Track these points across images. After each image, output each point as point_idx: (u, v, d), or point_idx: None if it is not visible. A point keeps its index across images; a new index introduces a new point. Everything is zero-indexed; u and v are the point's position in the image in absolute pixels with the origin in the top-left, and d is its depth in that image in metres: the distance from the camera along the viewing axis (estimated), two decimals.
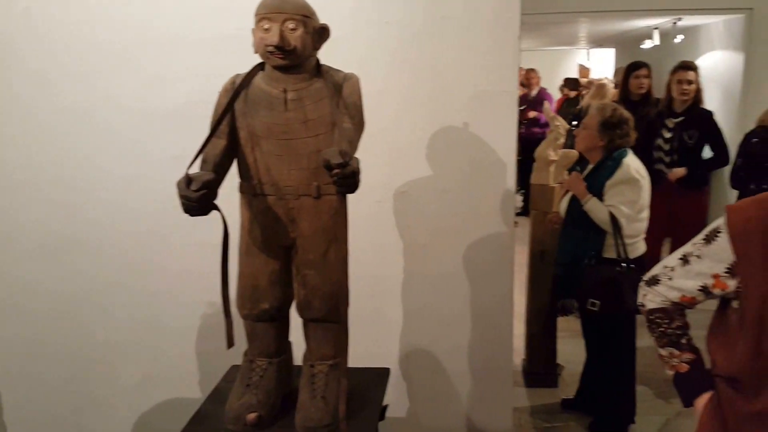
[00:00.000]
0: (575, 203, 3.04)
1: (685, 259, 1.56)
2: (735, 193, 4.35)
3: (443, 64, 2.54)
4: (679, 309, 1.63)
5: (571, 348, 3.84)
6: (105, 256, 2.75)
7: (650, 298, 1.66)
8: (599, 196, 2.95)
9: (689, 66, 4.33)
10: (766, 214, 1.41)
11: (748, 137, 3.65)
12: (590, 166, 3.09)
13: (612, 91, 5.93)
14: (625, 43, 11.21)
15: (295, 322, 1.97)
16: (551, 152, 3.77)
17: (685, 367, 1.62)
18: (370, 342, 2.70)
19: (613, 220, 2.88)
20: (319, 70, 1.84)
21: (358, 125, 1.83)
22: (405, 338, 2.79)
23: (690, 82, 4.26)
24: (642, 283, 1.70)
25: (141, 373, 2.84)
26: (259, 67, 1.85)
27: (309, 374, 1.93)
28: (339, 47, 2.01)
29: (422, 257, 2.71)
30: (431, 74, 2.55)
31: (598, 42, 12.47)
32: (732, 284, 1.47)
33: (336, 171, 1.58)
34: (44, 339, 2.81)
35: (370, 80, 1.98)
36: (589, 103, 5.50)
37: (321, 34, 1.82)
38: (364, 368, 2.24)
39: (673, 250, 3.91)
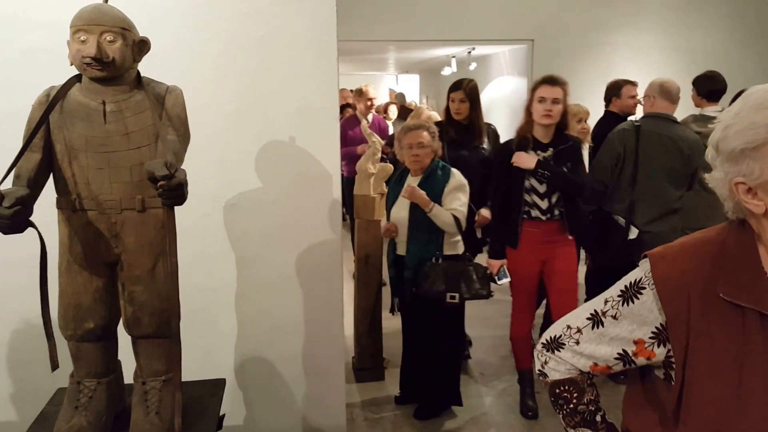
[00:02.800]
0: (416, 211, 3.07)
1: (595, 319, 1.16)
2: None
3: (266, 80, 2.48)
4: (589, 378, 1.24)
5: (395, 342, 3.92)
6: None
7: (552, 366, 1.24)
8: (438, 202, 3.04)
9: (557, 80, 3.01)
10: (700, 266, 1.03)
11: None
12: (414, 178, 3.14)
13: (426, 114, 6.13)
14: (427, 70, 11.87)
15: (124, 339, 1.80)
16: (370, 166, 3.85)
17: None
18: (204, 354, 2.57)
19: (456, 221, 3.02)
20: (140, 82, 1.71)
21: (183, 137, 1.72)
22: (239, 348, 2.67)
23: (558, 101, 2.97)
24: (539, 347, 1.29)
25: None
26: (76, 79, 1.69)
27: (141, 392, 1.77)
28: (161, 61, 1.89)
29: (254, 267, 2.61)
30: (255, 90, 2.47)
31: (405, 68, 13.10)
32: (661, 352, 1.08)
33: (161, 183, 1.48)
34: None
35: (193, 93, 1.88)
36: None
37: (141, 47, 1.71)
38: (200, 381, 2.12)
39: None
